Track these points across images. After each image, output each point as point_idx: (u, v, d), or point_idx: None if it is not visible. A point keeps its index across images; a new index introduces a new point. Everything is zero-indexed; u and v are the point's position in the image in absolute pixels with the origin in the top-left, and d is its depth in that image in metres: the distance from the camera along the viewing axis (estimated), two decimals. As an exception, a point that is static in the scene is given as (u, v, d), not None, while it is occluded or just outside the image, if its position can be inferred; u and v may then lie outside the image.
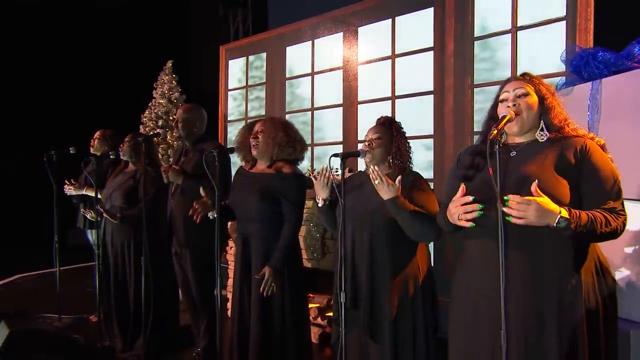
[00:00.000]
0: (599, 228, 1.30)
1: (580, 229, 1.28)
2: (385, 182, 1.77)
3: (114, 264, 3.11)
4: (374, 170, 1.76)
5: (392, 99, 3.69)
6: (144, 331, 2.72)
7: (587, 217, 1.30)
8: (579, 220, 1.28)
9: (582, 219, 1.29)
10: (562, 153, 1.42)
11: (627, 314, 1.94)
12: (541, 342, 1.39)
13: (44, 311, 3.86)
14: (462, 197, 1.40)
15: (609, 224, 1.31)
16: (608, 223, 1.31)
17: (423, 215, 1.84)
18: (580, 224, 1.28)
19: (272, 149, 2.26)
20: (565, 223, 1.27)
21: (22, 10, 7.90)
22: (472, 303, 1.52)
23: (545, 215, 1.28)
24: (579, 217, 1.29)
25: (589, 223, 1.29)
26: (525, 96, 1.50)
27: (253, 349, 2.21)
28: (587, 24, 2.73)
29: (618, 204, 1.36)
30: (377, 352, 1.93)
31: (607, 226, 1.30)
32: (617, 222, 1.32)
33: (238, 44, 5.03)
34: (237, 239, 2.35)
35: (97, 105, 7.29)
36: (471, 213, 1.38)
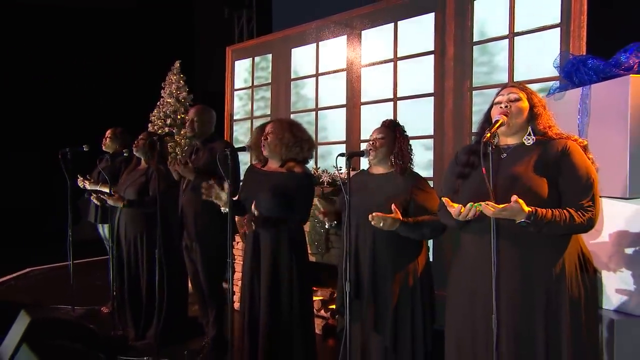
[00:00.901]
0: (563, 224, 1.46)
1: (541, 227, 1.45)
2: (389, 220, 1.91)
3: (127, 256, 3.25)
4: (373, 218, 1.89)
5: (394, 100, 3.82)
6: (157, 321, 2.86)
7: (551, 216, 1.45)
8: (542, 219, 1.44)
9: (545, 217, 1.44)
10: (545, 153, 1.56)
11: (612, 305, 2.08)
12: (529, 327, 1.53)
13: (56, 303, 4.00)
14: (453, 210, 1.53)
15: (573, 220, 1.46)
16: (573, 219, 1.46)
17: (428, 223, 2.00)
18: (542, 223, 1.44)
19: (280, 149, 2.40)
20: (525, 223, 1.44)
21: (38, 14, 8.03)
22: (467, 292, 1.66)
23: (512, 216, 1.45)
24: (544, 216, 1.44)
25: (552, 221, 1.45)
26: (517, 101, 1.64)
27: (262, 336, 2.35)
28: (580, 31, 2.86)
29: (586, 200, 1.50)
30: (378, 340, 2.07)
31: (571, 222, 1.46)
32: (582, 218, 1.47)
33: (244, 45, 5.16)
34: (248, 233, 2.49)
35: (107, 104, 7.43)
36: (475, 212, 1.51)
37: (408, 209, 2.07)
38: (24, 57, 7.97)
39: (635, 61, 2.10)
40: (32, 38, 8.18)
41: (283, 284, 2.37)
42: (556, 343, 1.52)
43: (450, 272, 1.76)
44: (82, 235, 8.37)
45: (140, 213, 3.16)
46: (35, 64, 8.03)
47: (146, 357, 2.88)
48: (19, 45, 7.96)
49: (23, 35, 8.06)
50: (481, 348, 1.61)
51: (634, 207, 2.03)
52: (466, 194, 1.63)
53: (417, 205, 2.06)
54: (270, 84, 4.76)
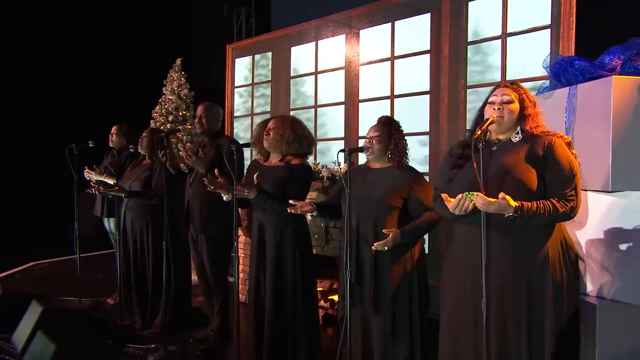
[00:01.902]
0: (548, 215, 1.60)
1: (527, 219, 1.58)
2: (390, 242, 2.06)
3: (133, 248, 3.36)
4: (377, 246, 2.06)
5: (391, 98, 3.94)
6: (165, 310, 2.99)
7: (536, 208, 1.58)
8: (527, 212, 1.57)
9: (531, 210, 1.58)
10: (533, 148, 1.70)
11: (594, 292, 2.21)
12: (515, 309, 1.67)
13: (62, 295, 4.11)
14: (450, 204, 1.66)
15: (556, 210, 1.60)
16: (556, 209, 1.60)
17: (424, 222, 2.16)
18: (528, 216, 1.57)
19: (281, 145, 2.52)
20: (512, 217, 1.57)
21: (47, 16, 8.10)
22: (459, 277, 1.79)
23: (499, 211, 1.58)
24: (529, 209, 1.57)
25: (537, 213, 1.58)
26: (509, 103, 1.77)
27: (268, 323, 2.49)
28: (570, 32, 2.99)
29: (569, 190, 1.64)
30: (378, 324, 2.21)
31: (554, 212, 1.60)
32: (565, 207, 1.61)
33: (244, 44, 5.26)
34: (253, 225, 2.62)
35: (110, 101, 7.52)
36: (467, 203, 1.63)
37: (407, 202, 2.21)
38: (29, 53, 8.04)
39: (618, 63, 2.23)
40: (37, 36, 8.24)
41: (287, 273, 2.50)
42: (540, 323, 1.65)
43: (444, 260, 1.89)
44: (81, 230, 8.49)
45: (146, 206, 3.27)
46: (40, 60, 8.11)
47: (153, 345, 3.00)
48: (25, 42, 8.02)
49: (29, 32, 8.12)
50: (470, 329, 1.74)
51: (616, 199, 2.16)
52: (459, 184, 1.76)
53: (415, 199, 2.19)
54: (270, 81, 4.87)
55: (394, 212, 2.19)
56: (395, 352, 2.19)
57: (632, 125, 2.10)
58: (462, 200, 1.61)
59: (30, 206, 9.04)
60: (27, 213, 8.84)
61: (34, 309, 3.00)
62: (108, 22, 8.38)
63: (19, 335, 2.98)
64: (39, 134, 8.46)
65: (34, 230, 8.09)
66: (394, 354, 2.19)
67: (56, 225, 8.08)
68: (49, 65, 8.21)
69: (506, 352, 1.68)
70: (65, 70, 8.16)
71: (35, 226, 8.41)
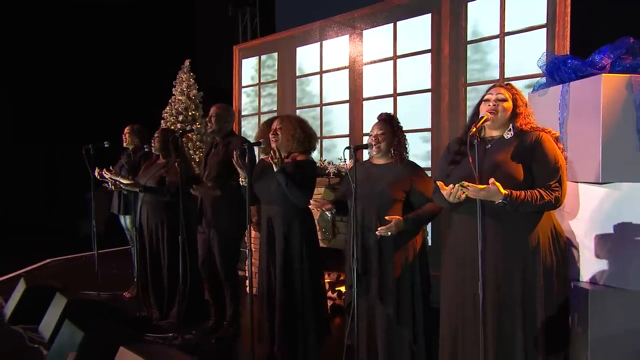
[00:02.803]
0: (534, 202, 1.74)
1: (516, 206, 1.72)
2: (393, 227, 2.20)
3: (149, 244, 3.52)
4: (380, 231, 2.21)
5: (394, 96, 4.08)
6: (181, 302, 3.15)
7: (524, 196, 1.72)
8: (516, 199, 1.71)
9: (519, 197, 1.72)
10: (522, 143, 1.84)
11: (587, 278, 2.35)
12: (509, 291, 1.81)
13: (81, 289, 4.29)
14: (444, 191, 1.81)
15: (542, 198, 1.75)
16: (542, 198, 1.74)
17: (425, 212, 2.30)
18: (517, 202, 1.71)
19: (291, 144, 2.67)
20: (502, 203, 1.71)
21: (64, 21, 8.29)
22: (458, 263, 1.94)
23: (490, 197, 1.72)
24: (518, 197, 1.71)
25: (525, 200, 1.72)
26: (504, 101, 1.91)
27: (279, 311, 2.64)
28: (564, 31, 3.11)
29: (554, 182, 1.78)
30: (382, 310, 2.36)
31: (541, 200, 1.74)
32: (550, 196, 1.75)
33: (251, 44, 5.41)
34: (262, 219, 2.77)
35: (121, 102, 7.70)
36: (460, 193, 1.78)
37: (409, 194, 2.35)
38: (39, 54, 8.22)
39: (607, 61, 2.35)
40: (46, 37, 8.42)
41: (295, 264, 2.65)
42: (531, 304, 1.80)
43: (444, 248, 2.04)
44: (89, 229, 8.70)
45: (160, 203, 3.43)
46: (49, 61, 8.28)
47: (171, 333, 3.17)
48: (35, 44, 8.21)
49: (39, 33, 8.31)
50: (469, 312, 1.89)
51: (607, 191, 2.29)
52: (456, 178, 1.90)
53: (415, 191, 2.34)
54: (277, 81, 5.01)
55: (396, 205, 2.33)
56: (399, 336, 2.34)
57: (621, 120, 2.23)
58: (454, 190, 1.75)
59: (36, 205, 9.24)
60: (34, 212, 9.04)
61: (58, 301, 3.18)
62: (116, 23, 8.55)
63: (45, 325, 3.17)
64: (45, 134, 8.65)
65: (40, 229, 8.30)
66: (398, 338, 2.34)
67: (63, 224, 8.33)
68: (57, 67, 8.39)
69: (502, 333, 1.83)
70: (74, 71, 8.33)
71: (42, 225, 8.63)
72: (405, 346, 2.33)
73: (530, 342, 1.83)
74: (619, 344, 2.19)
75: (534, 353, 1.81)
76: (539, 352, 1.81)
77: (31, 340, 3.08)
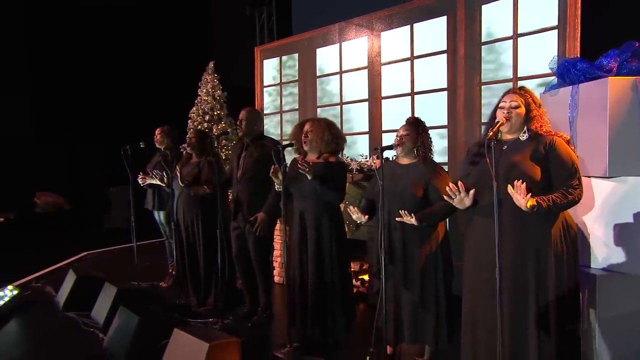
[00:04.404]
0: (560, 203, 1.94)
1: (547, 208, 1.92)
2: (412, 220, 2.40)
3: (185, 236, 3.80)
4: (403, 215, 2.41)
5: (412, 94, 4.29)
6: (221, 290, 3.42)
7: (551, 200, 1.92)
8: (547, 203, 1.91)
9: (550, 206, 1.91)
10: (537, 147, 2.05)
11: (598, 264, 2.57)
12: (523, 276, 2.04)
13: (120, 279, 4.60)
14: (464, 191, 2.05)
15: (566, 197, 1.95)
16: (565, 197, 1.95)
17: (440, 209, 2.48)
18: (548, 205, 1.92)
19: (321, 145, 2.91)
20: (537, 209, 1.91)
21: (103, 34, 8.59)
22: (478, 253, 2.17)
23: None
24: (545, 200, 1.91)
25: (552, 203, 1.92)
26: (517, 108, 2.12)
27: (311, 297, 2.90)
28: (575, 33, 3.29)
29: (574, 180, 1.99)
30: (408, 297, 2.60)
31: (565, 199, 1.94)
32: (572, 195, 1.96)
33: (271, 46, 5.64)
34: (294, 213, 3.02)
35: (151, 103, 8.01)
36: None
37: (427, 190, 2.58)
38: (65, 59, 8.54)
39: (614, 65, 2.55)
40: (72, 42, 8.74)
41: (326, 254, 2.91)
42: (544, 289, 2.03)
43: (465, 239, 2.27)
44: (113, 224, 9.09)
45: (195, 199, 3.69)
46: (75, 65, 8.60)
47: (210, 319, 3.45)
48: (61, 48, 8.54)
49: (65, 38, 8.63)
50: (487, 295, 2.12)
51: (615, 184, 2.50)
52: (475, 177, 2.13)
53: (433, 186, 2.56)
54: (297, 80, 5.25)
55: (418, 201, 2.56)
56: (424, 320, 2.58)
57: (626, 119, 2.44)
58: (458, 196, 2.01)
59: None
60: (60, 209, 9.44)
61: (108, 289, 3.49)
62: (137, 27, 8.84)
63: (97, 311, 3.48)
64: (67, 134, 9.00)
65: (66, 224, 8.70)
66: (423, 321, 2.59)
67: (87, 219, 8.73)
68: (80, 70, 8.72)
69: (517, 315, 2.05)
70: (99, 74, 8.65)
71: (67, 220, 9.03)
72: (429, 328, 2.58)
73: (543, 323, 2.04)
74: (625, 325, 2.42)
75: (546, 333, 2.04)
76: (551, 332, 2.03)
77: (86, 324, 3.39)
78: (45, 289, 4.40)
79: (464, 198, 2.10)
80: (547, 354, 2.03)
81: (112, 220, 8.98)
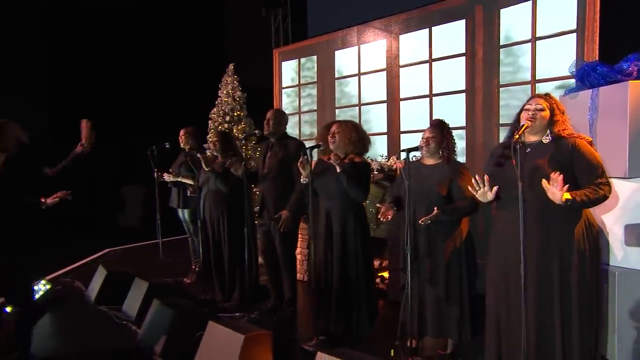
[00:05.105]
0: (592, 198, 2.02)
1: (581, 203, 2.01)
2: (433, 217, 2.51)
3: (211, 233, 3.92)
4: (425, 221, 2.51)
5: (430, 96, 4.38)
6: (247, 285, 3.54)
7: (585, 194, 2.00)
8: (580, 197, 1.99)
9: (583, 201, 2.00)
10: (560, 149, 2.14)
11: (617, 262, 2.65)
12: (548, 272, 2.14)
13: (144, 275, 4.74)
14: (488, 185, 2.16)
15: (597, 193, 2.03)
16: (597, 192, 2.03)
17: (462, 206, 2.59)
18: (582, 200, 2.00)
19: (348, 146, 3.02)
20: (570, 203, 1.99)
21: None
22: (502, 251, 2.26)
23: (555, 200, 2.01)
24: (579, 195, 1.99)
25: (585, 197, 2.00)
26: (542, 111, 2.21)
27: (336, 291, 3.01)
28: (594, 36, 3.37)
29: (603, 179, 2.07)
30: (432, 291, 2.70)
31: (596, 194, 2.02)
32: (602, 191, 2.04)
33: (290, 48, 5.76)
34: (320, 211, 3.14)
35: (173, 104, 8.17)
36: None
37: (451, 189, 2.67)
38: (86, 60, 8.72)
39: (634, 69, 2.63)
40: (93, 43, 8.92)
41: (350, 251, 3.02)
42: (567, 285, 2.12)
43: (490, 236, 2.37)
44: (127, 221, 9.25)
45: (221, 198, 3.81)
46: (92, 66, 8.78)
47: (237, 312, 3.58)
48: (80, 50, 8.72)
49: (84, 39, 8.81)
50: (512, 290, 2.21)
51: (632, 184, 2.58)
52: (500, 178, 2.23)
53: (456, 185, 2.66)
54: (316, 82, 5.36)
55: (443, 200, 2.66)
56: (448, 314, 2.68)
57: (646, 123, 2.52)
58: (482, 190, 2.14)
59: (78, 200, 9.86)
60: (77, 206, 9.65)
61: (139, 284, 3.63)
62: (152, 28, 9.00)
63: (129, 305, 3.62)
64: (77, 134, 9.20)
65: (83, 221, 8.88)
66: (447, 315, 2.69)
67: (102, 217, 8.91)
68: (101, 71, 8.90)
69: (542, 309, 2.14)
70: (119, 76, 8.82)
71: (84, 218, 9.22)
72: (453, 322, 2.67)
73: (567, 319, 2.13)
74: (643, 320, 2.51)
75: (570, 330, 2.13)
76: (574, 324, 2.13)
77: (118, 318, 3.53)
78: (74, 284, 4.56)
79: (487, 192, 2.20)
80: (571, 349, 2.12)
81: (126, 219, 9.19)
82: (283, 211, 3.36)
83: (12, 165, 2.64)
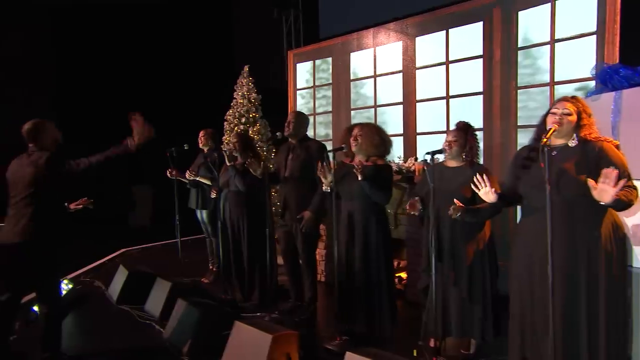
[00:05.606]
0: (626, 200, 2.01)
1: (624, 203, 2.01)
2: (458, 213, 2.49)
3: (231, 234, 3.98)
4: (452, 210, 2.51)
5: (447, 98, 4.40)
6: (269, 285, 3.59)
7: (624, 195, 1.99)
8: (623, 198, 1.98)
9: (623, 197, 1.98)
10: (586, 152, 2.16)
11: (638, 264, 2.66)
12: (575, 273, 2.16)
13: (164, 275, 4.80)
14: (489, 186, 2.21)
15: (630, 195, 2.03)
16: (630, 194, 2.03)
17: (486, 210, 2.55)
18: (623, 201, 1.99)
19: (370, 149, 3.06)
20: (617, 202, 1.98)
21: None
22: (529, 254, 2.28)
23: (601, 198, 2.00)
24: (622, 195, 1.98)
25: (625, 198, 1.99)
26: (568, 115, 2.23)
27: (358, 291, 3.05)
28: (614, 38, 3.37)
29: (630, 182, 2.09)
30: (455, 293, 2.73)
31: (628, 198, 2.02)
32: (632, 194, 2.05)
33: (305, 50, 5.80)
34: (342, 213, 3.17)
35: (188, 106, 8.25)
36: None
37: (475, 192, 2.70)
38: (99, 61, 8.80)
39: (658, 72, 2.64)
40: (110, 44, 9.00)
41: (372, 252, 3.05)
42: (594, 286, 2.14)
43: (515, 236, 2.39)
44: (138, 221, 9.30)
45: (242, 199, 3.86)
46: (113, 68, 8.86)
47: (258, 313, 3.63)
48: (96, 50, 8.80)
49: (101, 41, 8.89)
50: (537, 290, 2.23)
51: (656, 187, 2.60)
52: (527, 181, 2.25)
53: None
54: (331, 84, 5.39)
55: (467, 202, 2.68)
56: (471, 314, 2.71)
57: (670, 125, 2.54)
58: None
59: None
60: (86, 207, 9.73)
61: (161, 284, 3.68)
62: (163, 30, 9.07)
63: (152, 304, 3.68)
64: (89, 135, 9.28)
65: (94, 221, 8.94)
66: (470, 315, 2.72)
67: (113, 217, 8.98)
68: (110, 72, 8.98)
69: (569, 311, 2.16)
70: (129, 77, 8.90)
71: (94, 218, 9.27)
72: (476, 322, 2.71)
73: (594, 321, 2.14)
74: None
75: (596, 326, 2.15)
76: (601, 325, 2.15)
77: (141, 317, 3.59)
78: (94, 284, 4.63)
79: (489, 192, 2.24)
80: (598, 351, 2.14)
81: (137, 218, 9.26)
82: (305, 212, 3.41)
83: (54, 164, 2.70)
